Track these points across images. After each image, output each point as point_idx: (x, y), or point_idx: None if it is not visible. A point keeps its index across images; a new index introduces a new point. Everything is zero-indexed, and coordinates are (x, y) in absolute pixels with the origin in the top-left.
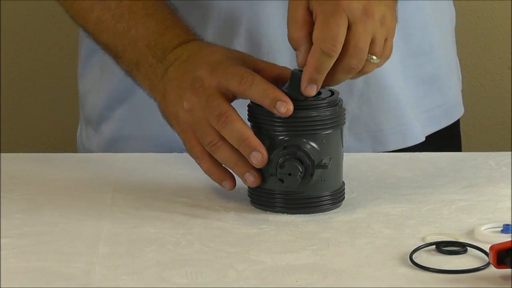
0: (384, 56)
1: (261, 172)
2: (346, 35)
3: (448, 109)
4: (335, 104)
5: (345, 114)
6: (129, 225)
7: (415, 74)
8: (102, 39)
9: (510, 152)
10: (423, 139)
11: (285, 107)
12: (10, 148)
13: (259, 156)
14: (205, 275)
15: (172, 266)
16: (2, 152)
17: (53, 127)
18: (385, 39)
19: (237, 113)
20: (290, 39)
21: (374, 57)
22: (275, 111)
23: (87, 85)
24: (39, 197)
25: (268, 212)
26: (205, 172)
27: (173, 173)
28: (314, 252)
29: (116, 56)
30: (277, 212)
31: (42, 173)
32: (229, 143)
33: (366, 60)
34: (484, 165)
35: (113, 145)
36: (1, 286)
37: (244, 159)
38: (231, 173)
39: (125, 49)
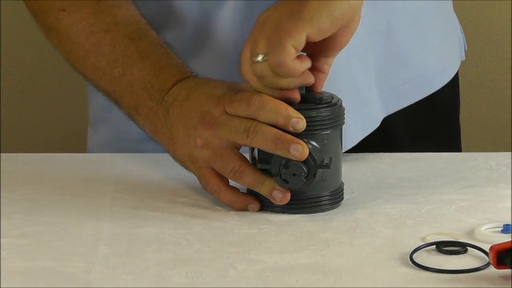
0: (270, 53)
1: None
2: None
3: (420, 83)
4: (334, 104)
5: (344, 114)
6: (129, 225)
7: (374, 53)
8: (100, 85)
9: (510, 152)
10: (379, 122)
11: (301, 124)
12: (10, 148)
13: (299, 147)
14: (205, 275)
15: (172, 266)
16: (2, 152)
17: (53, 127)
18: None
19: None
20: None
21: (256, 58)
22: (290, 129)
23: (89, 86)
24: (39, 197)
25: (268, 212)
26: (226, 203)
27: (173, 173)
28: (314, 252)
29: (116, 101)
30: (277, 212)
31: (42, 173)
32: (251, 166)
33: (253, 63)
34: (484, 165)
35: (110, 146)
36: (1, 286)
37: (269, 178)
38: (253, 196)
39: (123, 94)
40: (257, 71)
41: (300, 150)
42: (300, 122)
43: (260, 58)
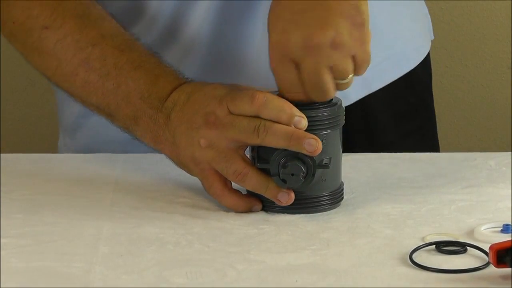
0: (358, 69)
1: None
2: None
3: (398, 60)
4: (334, 104)
5: (344, 114)
6: (129, 225)
7: None
8: (91, 101)
9: (510, 152)
10: (355, 100)
11: (303, 123)
12: (10, 148)
13: (313, 142)
14: (205, 275)
15: (172, 266)
16: (2, 152)
17: (53, 127)
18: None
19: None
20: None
21: (344, 80)
22: (292, 127)
23: (62, 94)
24: (39, 197)
25: (268, 212)
26: (229, 207)
27: (173, 173)
28: (314, 252)
29: (109, 115)
30: (277, 212)
31: (42, 173)
32: (255, 169)
33: (338, 83)
34: (484, 165)
35: (90, 151)
36: (1, 286)
37: (273, 181)
38: (255, 197)
39: (119, 106)
40: (346, 86)
41: (314, 145)
42: (302, 122)
43: (350, 76)
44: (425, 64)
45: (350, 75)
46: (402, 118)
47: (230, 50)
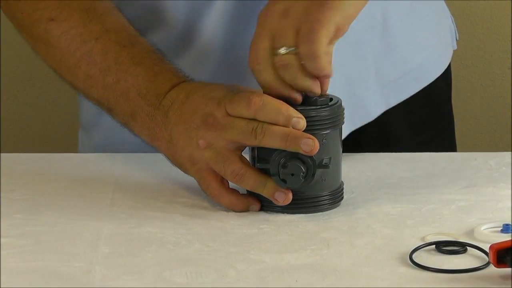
0: (300, 44)
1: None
2: None
3: (417, 75)
4: (334, 104)
5: (344, 113)
6: (129, 225)
7: (371, 47)
8: (93, 94)
9: (510, 152)
10: (375, 116)
11: (301, 124)
12: (10, 148)
13: (310, 141)
14: (205, 275)
15: (172, 266)
16: (2, 152)
17: (53, 127)
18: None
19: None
20: None
21: (279, 49)
22: (290, 128)
23: None
24: (39, 197)
25: (268, 212)
26: (227, 207)
27: (173, 173)
28: (314, 252)
29: (109, 110)
30: (277, 212)
31: (42, 173)
32: (253, 169)
33: (277, 54)
34: (484, 165)
35: (103, 151)
36: (1, 286)
37: (271, 180)
38: (253, 196)
39: (118, 101)
40: (282, 62)
41: (311, 145)
42: (300, 122)
43: (283, 50)
44: (445, 74)
45: (283, 49)
46: (417, 128)
47: (244, 56)
